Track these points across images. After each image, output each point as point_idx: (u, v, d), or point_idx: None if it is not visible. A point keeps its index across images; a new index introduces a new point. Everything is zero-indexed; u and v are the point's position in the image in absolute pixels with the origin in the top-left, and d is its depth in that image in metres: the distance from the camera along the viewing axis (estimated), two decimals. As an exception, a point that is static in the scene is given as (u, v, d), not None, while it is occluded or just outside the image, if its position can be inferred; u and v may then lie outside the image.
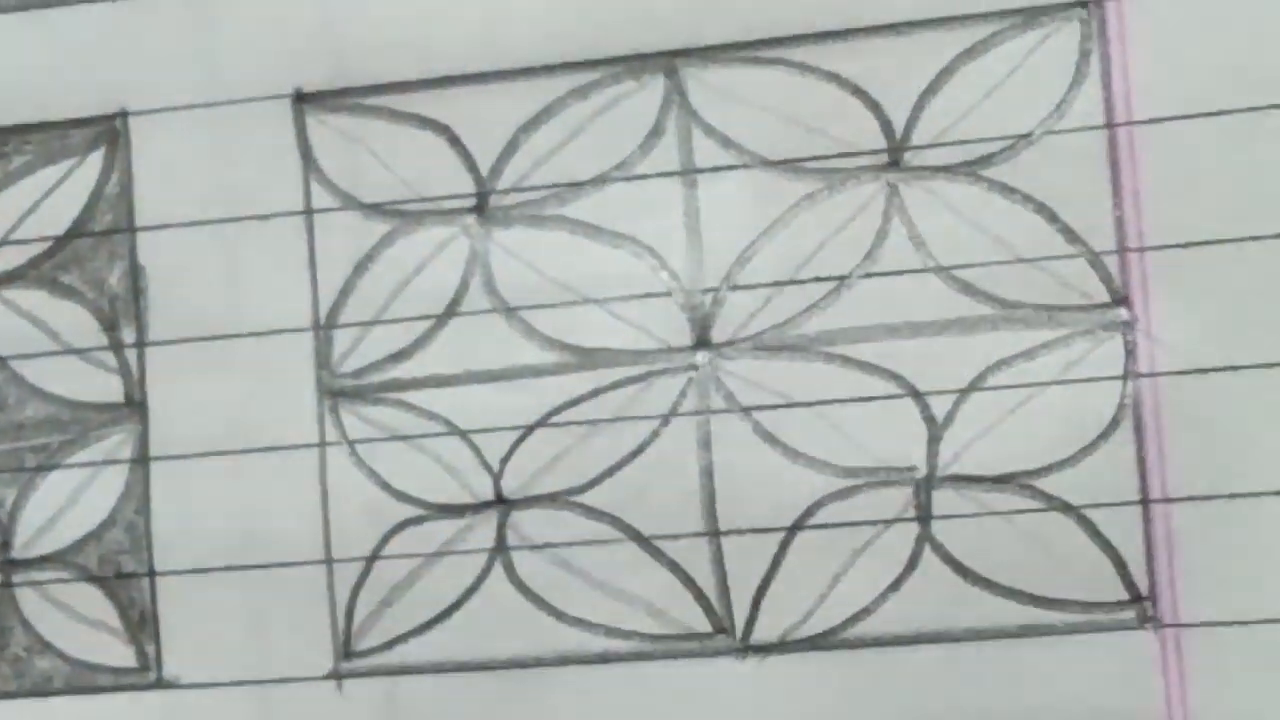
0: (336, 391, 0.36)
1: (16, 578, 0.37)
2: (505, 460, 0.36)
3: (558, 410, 0.35)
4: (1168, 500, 0.33)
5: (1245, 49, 0.33)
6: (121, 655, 0.37)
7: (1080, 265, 0.34)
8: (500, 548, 0.36)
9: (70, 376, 0.37)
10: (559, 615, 0.35)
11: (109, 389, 0.37)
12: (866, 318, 0.35)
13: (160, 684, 0.37)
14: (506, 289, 0.36)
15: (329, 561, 0.36)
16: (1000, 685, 0.34)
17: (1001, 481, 0.34)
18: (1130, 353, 0.34)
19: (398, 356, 0.36)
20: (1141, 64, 0.33)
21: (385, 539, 0.36)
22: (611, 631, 0.35)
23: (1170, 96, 0.33)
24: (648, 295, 0.35)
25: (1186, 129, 0.33)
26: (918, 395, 0.34)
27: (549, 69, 0.36)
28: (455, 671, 0.36)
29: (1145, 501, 0.33)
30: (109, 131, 0.37)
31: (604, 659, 0.35)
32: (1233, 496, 0.33)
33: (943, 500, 0.34)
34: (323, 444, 0.36)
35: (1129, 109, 0.34)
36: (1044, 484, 0.34)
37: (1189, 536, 0.33)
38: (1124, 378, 0.34)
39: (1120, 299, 0.34)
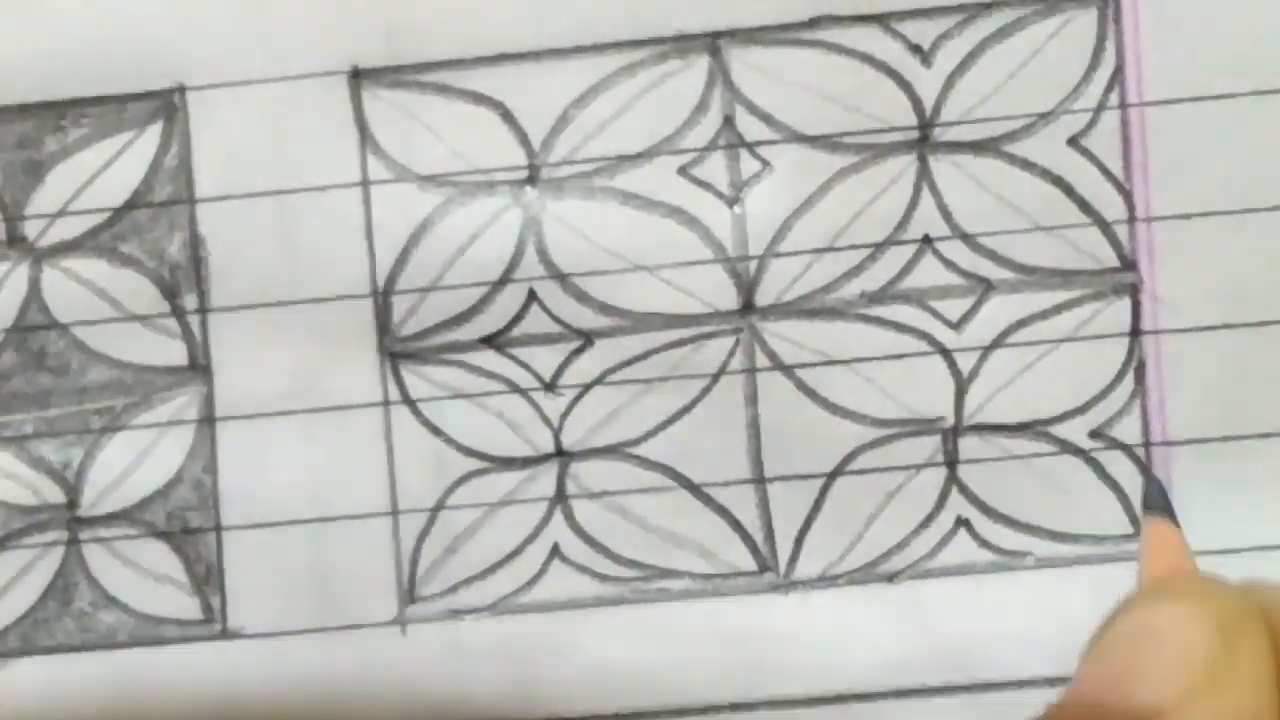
0: (397, 354, 0.38)
1: (83, 535, 0.39)
2: (565, 416, 0.38)
3: (613, 370, 0.38)
4: (1168, 444, 0.37)
5: (1248, 40, 0.37)
6: (187, 608, 0.39)
7: (1093, 233, 0.37)
8: (560, 497, 0.38)
9: (133, 342, 0.39)
10: (615, 558, 0.38)
11: (172, 353, 0.39)
12: (899, 282, 0.38)
13: (225, 634, 0.39)
14: (560, 257, 0.38)
15: (394, 513, 0.38)
16: (1011, 609, 0.38)
17: (1021, 429, 0.38)
18: (1137, 313, 0.37)
19: (456, 320, 0.38)
20: (1153, 50, 0.37)
21: (449, 490, 0.38)
22: (665, 573, 0.38)
23: (1178, 81, 0.37)
24: (696, 262, 0.38)
25: (1192, 111, 0.37)
26: (945, 352, 0.38)
27: (598, 48, 0.38)
28: (516, 613, 0.38)
29: (1147, 445, 0.37)
30: (167, 106, 0.38)
31: (658, 597, 0.38)
32: (1226, 439, 0.37)
33: (968, 446, 0.38)
34: (386, 403, 0.38)
35: (1140, 91, 0.37)
36: (1058, 430, 0.38)
37: (1187, 475, 0.37)
38: (1131, 335, 0.37)
39: (1129, 264, 0.37)
